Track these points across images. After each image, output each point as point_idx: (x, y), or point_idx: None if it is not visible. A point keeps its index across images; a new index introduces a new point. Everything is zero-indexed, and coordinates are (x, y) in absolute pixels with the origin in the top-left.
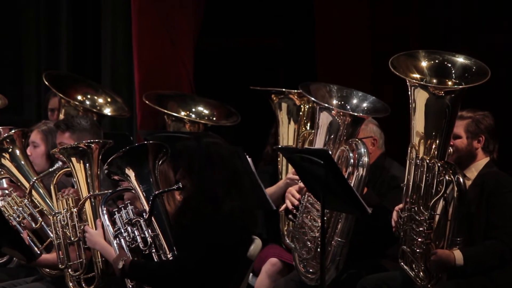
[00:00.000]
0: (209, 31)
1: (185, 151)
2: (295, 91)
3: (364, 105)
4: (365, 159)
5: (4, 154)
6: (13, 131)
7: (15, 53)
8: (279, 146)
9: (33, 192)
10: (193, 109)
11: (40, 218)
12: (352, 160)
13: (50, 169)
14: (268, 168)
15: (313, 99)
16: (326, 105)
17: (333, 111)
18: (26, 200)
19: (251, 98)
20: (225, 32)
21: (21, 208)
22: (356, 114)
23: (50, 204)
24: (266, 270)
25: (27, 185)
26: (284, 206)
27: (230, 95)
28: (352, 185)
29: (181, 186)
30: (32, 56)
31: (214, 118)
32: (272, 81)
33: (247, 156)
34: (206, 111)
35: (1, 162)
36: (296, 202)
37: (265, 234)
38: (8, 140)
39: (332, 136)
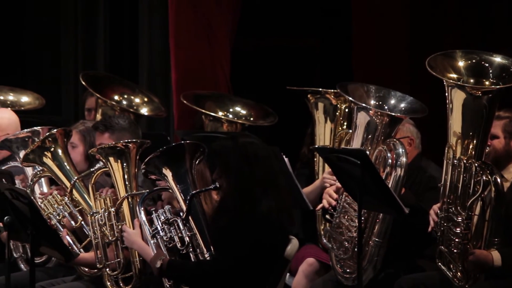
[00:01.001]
0: (246, 30)
1: (222, 151)
2: (332, 90)
3: (402, 105)
4: (403, 159)
5: (46, 153)
6: (55, 130)
7: (53, 54)
8: (316, 146)
9: (74, 191)
10: (231, 109)
11: (80, 217)
12: (390, 161)
13: (91, 169)
14: (305, 171)
15: (351, 99)
16: (364, 105)
17: (370, 111)
18: (66, 199)
19: (288, 98)
20: (262, 32)
21: (61, 207)
22: (394, 114)
23: (91, 204)
24: (303, 270)
25: (68, 184)
26: (321, 206)
27: (266, 95)
28: (390, 185)
29: (217, 185)
30: (69, 56)
31: (252, 118)
32: (308, 80)
33: (284, 156)
34: (243, 111)
35: (43, 161)
36: (334, 202)
37: (302, 234)
38: (50, 139)
39: (370, 136)
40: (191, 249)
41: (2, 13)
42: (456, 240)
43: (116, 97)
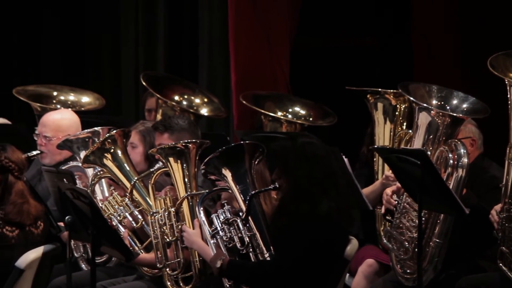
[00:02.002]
0: (305, 31)
1: (281, 151)
2: (391, 91)
3: (464, 105)
4: (465, 160)
5: (106, 154)
6: (114, 131)
7: (114, 54)
8: (376, 146)
9: (134, 192)
10: (290, 109)
11: (140, 218)
12: (451, 161)
13: (151, 169)
14: (364, 171)
15: (412, 99)
16: (425, 105)
17: (432, 112)
18: (127, 200)
19: (347, 98)
20: (321, 32)
21: (122, 208)
22: (455, 114)
23: (151, 204)
24: (363, 270)
25: (128, 184)
26: (383, 207)
27: (326, 95)
28: (451, 186)
29: (277, 186)
30: (130, 57)
31: (311, 119)
32: (368, 80)
33: (343, 156)
34: (303, 112)
35: (103, 162)
36: (394, 203)
37: (362, 235)
38: (109, 140)
39: (431, 137)
40: (251, 249)
41: (63, 14)
42: None
43: (176, 98)
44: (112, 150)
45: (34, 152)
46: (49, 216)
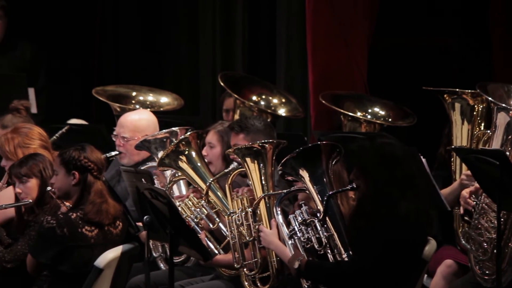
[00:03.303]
0: (383, 30)
1: (360, 152)
2: (469, 91)
3: None
4: None
5: (181, 156)
6: (188, 133)
7: (192, 55)
8: (454, 147)
9: (210, 193)
10: (369, 110)
11: (217, 219)
12: None
13: (226, 170)
14: (442, 172)
15: (490, 99)
16: (504, 105)
17: (511, 112)
18: (203, 201)
19: (424, 98)
20: (400, 31)
21: (198, 209)
22: None
23: (226, 205)
24: (441, 271)
25: (203, 186)
26: (461, 207)
27: (403, 95)
28: None
29: (355, 186)
30: (208, 57)
31: (390, 119)
32: (445, 81)
33: (421, 157)
34: (382, 112)
35: (178, 165)
36: (472, 203)
37: (440, 235)
38: (184, 142)
39: (510, 137)
40: (328, 250)
41: (140, 14)
42: None
43: (254, 98)
44: (186, 152)
45: (113, 153)
46: (128, 216)
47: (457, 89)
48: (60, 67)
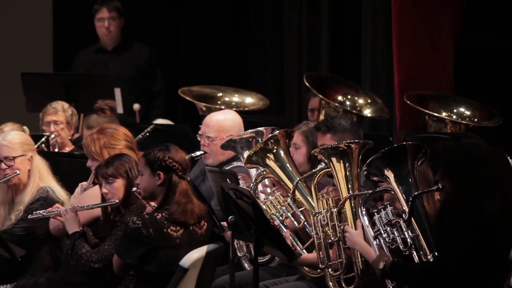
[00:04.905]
0: (470, 31)
1: (445, 152)
2: None
3: None
4: None
5: (268, 154)
6: (277, 131)
7: (277, 55)
8: None
9: (296, 192)
10: (455, 110)
11: (303, 218)
12: None
13: (313, 170)
14: None
15: None
16: None
17: None
18: (289, 200)
19: (510, 98)
20: (487, 31)
21: (284, 208)
22: None
23: (313, 204)
24: None
25: (290, 185)
26: None
27: (490, 95)
28: None
29: (440, 187)
30: (293, 57)
31: (476, 119)
32: None
33: (508, 157)
34: (467, 112)
35: (265, 163)
36: None
37: None
38: (272, 140)
39: None
40: (413, 251)
41: (228, 15)
42: None
43: (339, 98)
44: (274, 151)
45: (198, 153)
46: (213, 216)
47: None
48: None
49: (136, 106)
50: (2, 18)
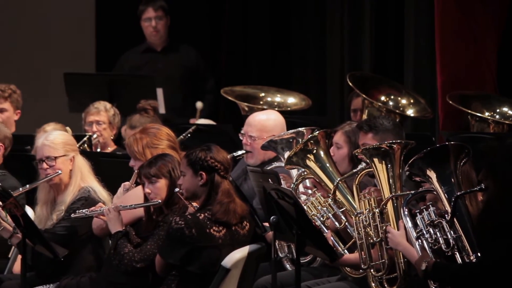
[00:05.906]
0: None
1: (488, 152)
2: None
3: None
4: None
5: (308, 155)
6: (316, 132)
7: (319, 55)
8: None
9: (337, 193)
10: (498, 110)
11: (344, 219)
12: None
13: (354, 170)
14: None
15: None
16: None
17: None
18: (330, 200)
19: None
20: None
21: (325, 208)
22: None
23: (354, 205)
24: None
25: (331, 185)
26: None
27: None
28: None
29: (483, 187)
30: (335, 57)
31: None
32: None
33: None
34: (511, 112)
35: (306, 163)
36: None
37: None
38: (312, 141)
39: None
40: (456, 251)
41: (270, 15)
42: None
43: (382, 98)
44: (314, 151)
45: (239, 152)
46: (255, 216)
47: None
48: None
49: (199, 105)
50: (45, 18)
